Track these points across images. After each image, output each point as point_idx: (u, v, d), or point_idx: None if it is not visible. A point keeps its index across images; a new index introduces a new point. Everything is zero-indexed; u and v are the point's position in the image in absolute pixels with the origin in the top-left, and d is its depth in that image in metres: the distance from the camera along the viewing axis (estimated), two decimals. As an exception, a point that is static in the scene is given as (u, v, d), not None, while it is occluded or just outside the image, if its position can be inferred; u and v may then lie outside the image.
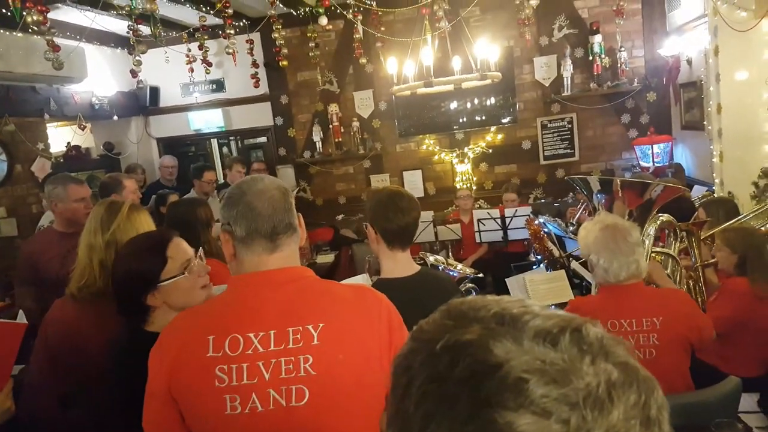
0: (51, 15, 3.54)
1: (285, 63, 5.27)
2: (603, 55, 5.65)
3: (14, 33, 4.25)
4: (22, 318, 1.68)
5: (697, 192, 4.61)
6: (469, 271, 2.66)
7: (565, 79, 5.79)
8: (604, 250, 2.13)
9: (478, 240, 4.92)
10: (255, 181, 1.24)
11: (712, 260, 2.89)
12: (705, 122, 4.49)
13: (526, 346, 0.44)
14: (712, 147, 4.28)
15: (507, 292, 4.99)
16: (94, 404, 1.81)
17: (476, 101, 6.09)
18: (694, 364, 2.20)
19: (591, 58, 5.71)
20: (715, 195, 4.12)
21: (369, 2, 4.51)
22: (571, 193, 5.72)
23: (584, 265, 3.28)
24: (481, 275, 2.78)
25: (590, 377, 0.43)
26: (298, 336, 1.12)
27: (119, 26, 5.11)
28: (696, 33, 4.82)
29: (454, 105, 6.12)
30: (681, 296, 2.28)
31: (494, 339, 0.45)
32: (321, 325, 1.13)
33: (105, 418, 1.71)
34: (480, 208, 5.68)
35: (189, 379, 1.13)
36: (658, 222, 2.77)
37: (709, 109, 4.27)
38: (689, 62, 5.08)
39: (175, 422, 1.15)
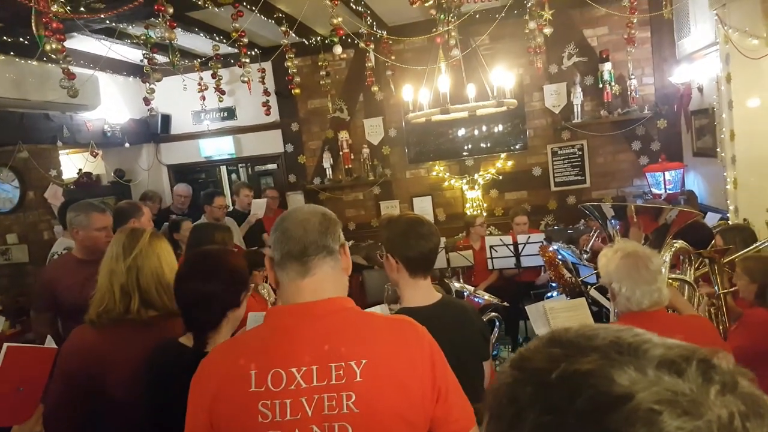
0: (66, 43, 3.59)
1: (297, 91, 5.32)
2: (613, 83, 5.67)
3: (29, 61, 4.31)
4: (50, 343, 1.67)
5: (711, 219, 4.55)
6: (494, 300, 2.60)
7: (575, 107, 5.81)
8: (626, 279, 2.10)
9: (490, 266, 4.87)
10: (297, 209, 1.28)
11: (733, 288, 2.83)
12: (718, 149, 4.46)
13: (651, 375, 0.43)
14: (725, 174, 4.24)
15: (519, 319, 4.89)
16: (108, 428, 1.77)
17: (485, 128, 6.11)
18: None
19: (601, 85, 5.74)
20: (730, 222, 4.07)
21: (380, 32, 4.57)
22: (583, 220, 5.68)
23: (602, 291, 3.22)
24: (506, 304, 2.72)
25: (718, 409, 0.41)
26: (341, 372, 1.11)
27: (133, 55, 5.19)
28: (707, 60, 4.83)
29: (462, 132, 6.15)
30: (702, 322, 2.25)
31: (615, 368, 0.43)
32: (363, 361, 1.12)
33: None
34: (491, 234, 5.64)
35: (231, 413, 1.11)
36: (673, 249, 2.74)
37: (722, 136, 4.24)
38: (700, 89, 5.09)
39: None
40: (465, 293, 2.41)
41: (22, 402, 1.48)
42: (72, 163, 6.11)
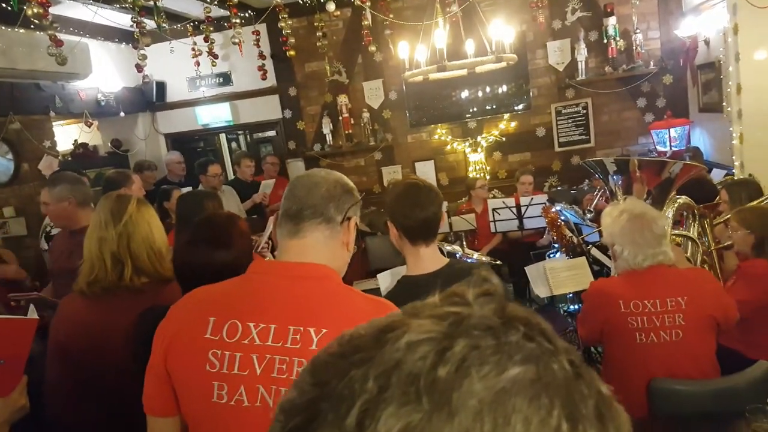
0: (53, 10, 3.48)
1: (292, 53, 5.19)
2: (618, 38, 5.50)
3: (16, 29, 4.19)
4: (33, 313, 1.63)
5: (717, 175, 4.49)
6: (485, 259, 2.56)
7: (579, 63, 5.65)
8: (630, 243, 2.08)
9: (493, 230, 4.82)
10: (315, 171, 1.26)
11: (728, 243, 2.78)
12: (724, 104, 4.36)
13: None
14: (731, 129, 4.16)
15: (524, 281, 4.90)
16: (106, 397, 1.77)
17: (488, 89, 5.97)
18: (717, 349, 2.13)
19: (605, 41, 5.56)
20: (736, 177, 4.00)
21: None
22: (587, 180, 5.60)
23: (603, 250, 3.19)
24: (499, 263, 2.68)
25: None
26: (298, 337, 1.06)
27: (123, 20, 5.04)
28: (714, 12, 4.67)
29: (465, 93, 6.01)
30: (705, 275, 2.23)
31: None
32: (324, 330, 1.06)
33: (119, 409, 1.67)
34: (494, 197, 5.57)
35: (183, 356, 1.11)
36: (676, 204, 2.69)
37: (729, 90, 4.14)
38: (707, 42, 4.93)
39: (169, 398, 1.13)
40: (457, 255, 2.36)
41: (4, 375, 1.39)
42: (67, 135, 6.03)
